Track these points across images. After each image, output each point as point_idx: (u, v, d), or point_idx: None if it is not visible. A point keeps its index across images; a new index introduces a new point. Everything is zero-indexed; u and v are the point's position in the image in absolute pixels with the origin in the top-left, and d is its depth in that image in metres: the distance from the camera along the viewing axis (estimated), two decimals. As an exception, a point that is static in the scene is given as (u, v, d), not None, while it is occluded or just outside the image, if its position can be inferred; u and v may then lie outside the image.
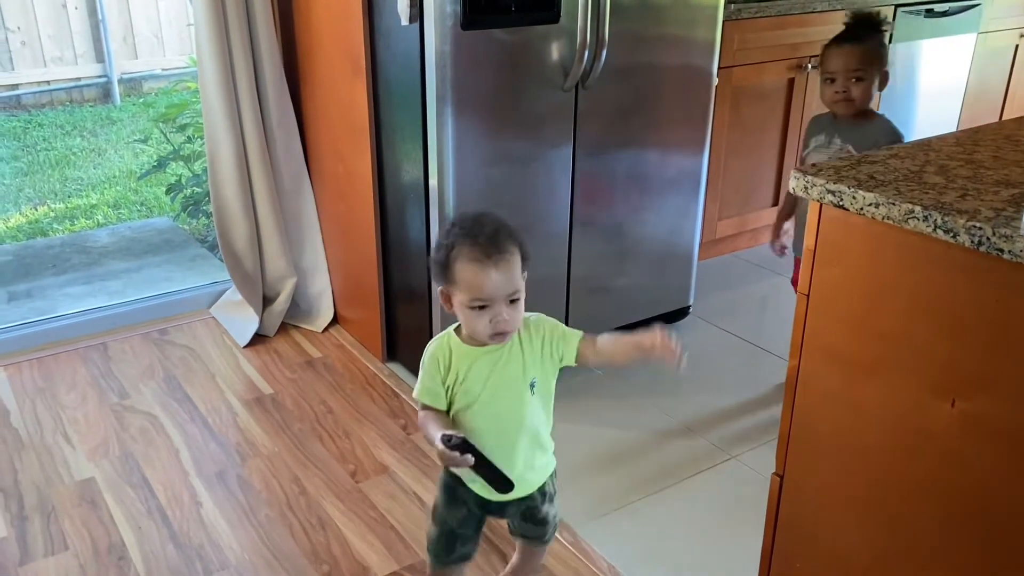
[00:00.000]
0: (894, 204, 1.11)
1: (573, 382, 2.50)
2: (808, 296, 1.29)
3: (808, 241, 1.27)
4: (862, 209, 1.15)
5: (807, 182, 1.22)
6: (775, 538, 1.45)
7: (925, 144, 1.36)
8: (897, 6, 3.29)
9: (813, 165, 1.26)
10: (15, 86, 5.77)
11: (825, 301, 1.26)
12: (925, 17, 3.40)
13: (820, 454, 1.34)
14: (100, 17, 5.85)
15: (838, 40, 2.20)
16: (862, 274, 1.20)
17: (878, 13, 2.22)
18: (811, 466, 1.36)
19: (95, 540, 1.90)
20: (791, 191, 1.26)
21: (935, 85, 3.61)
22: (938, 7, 3.42)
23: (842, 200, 1.17)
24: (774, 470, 1.44)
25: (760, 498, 1.98)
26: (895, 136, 2.15)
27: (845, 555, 1.34)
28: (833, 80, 2.18)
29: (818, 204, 1.24)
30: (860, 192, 1.15)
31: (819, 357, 1.30)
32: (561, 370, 1.58)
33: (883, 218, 1.13)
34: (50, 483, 2.08)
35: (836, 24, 3.13)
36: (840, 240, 1.22)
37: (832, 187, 1.18)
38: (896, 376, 1.20)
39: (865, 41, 2.16)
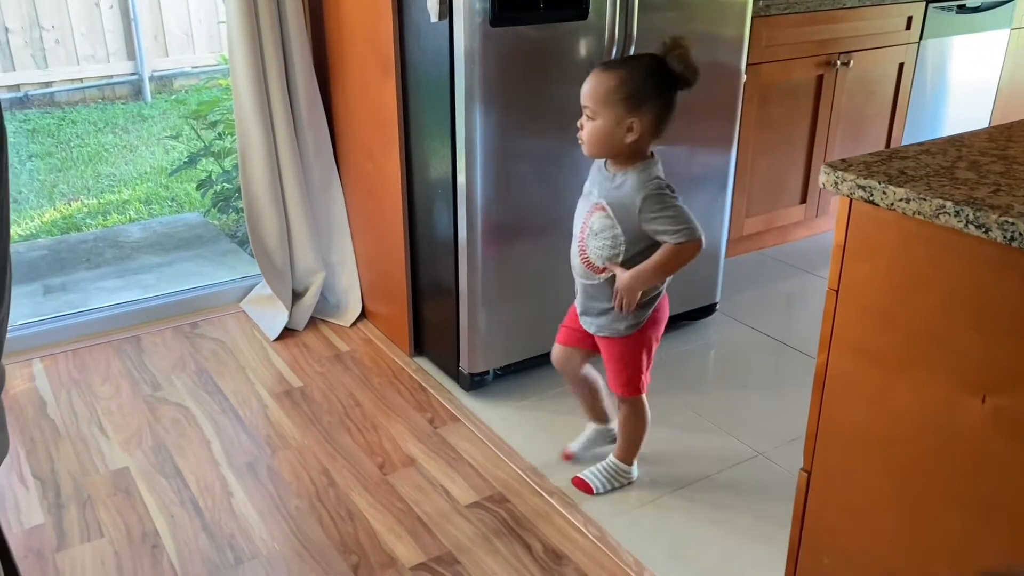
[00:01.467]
0: (925, 199, 1.11)
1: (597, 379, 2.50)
2: (837, 292, 1.29)
3: (837, 236, 1.27)
4: (893, 204, 1.15)
5: (837, 177, 1.22)
6: (802, 534, 1.45)
7: (957, 140, 1.35)
8: (928, 2, 3.27)
9: (843, 160, 1.26)
10: (49, 84, 5.86)
11: (854, 297, 1.26)
12: (957, 13, 3.37)
13: (848, 450, 1.34)
14: (132, 16, 5.93)
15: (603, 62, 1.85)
16: (892, 270, 1.20)
17: (676, 43, 1.72)
18: (839, 462, 1.36)
19: (129, 528, 1.94)
20: (821, 186, 1.26)
21: (967, 82, 3.57)
22: (970, 2, 3.38)
23: (872, 195, 1.17)
24: (801, 466, 1.44)
25: (787, 494, 1.98)
26: (646, 190, 1.72)
27: (873, 551, 1.34)
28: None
29: (848, 199, 1.24)
30: (891, 187, 1.15)
31: (847, 353, 1.30)
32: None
33: (914, 213, 1.13)
34: (85, 472, 2.12)
35: (867, 20, 3.12)
36: (870, 235, 1.22)
37: (862, 182, 1.18)
38: (926, 372, 1.19)
39: (615, 71, 1.71)
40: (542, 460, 2.15)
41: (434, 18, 2.11)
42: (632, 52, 2.24)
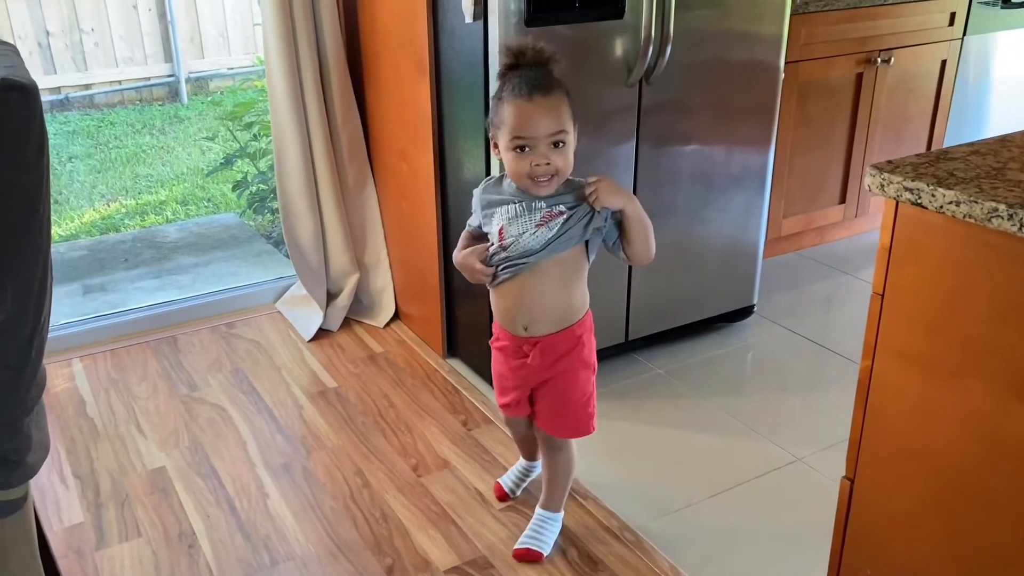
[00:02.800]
0: (976, 202, 1.08)
1: (632, 382, 2.48)
2: (882, 296, 1.26)
3: (883, 239, 1.24)
4: (942, 207, 1.12)
5: (883, 179, 1.19)
6: (844, 543, 1.42)
7: (1008, 140, 1.32)
8: (972, -3, 3.20)
9: (889, 162, 1.22)
10: (89, 86, 5.95)
11: (900, 302, 1.23)
12: (1002, 8, 3.29)
13: (893, 458, 1.30)
14: (169, 18, 6.00)
15: None
16: (941, 274, 1.17)
17: (533, 49, 1.60)
18: (883, 471, 1.33)
19: (166, 527, 1.95)
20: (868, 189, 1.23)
21: (1012, 79, 3.49)
22: (1016, -3, 3.30)
23: (920, 198, 1.14)
24: (842, 473, 1.41)
25: (827, 501, 1.94)
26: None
27: (918, 564, 1.31)
28: None
29: (894, 202, 1.21)
30: (940, 190, 1.12)
31: (893, 359, 1.27)
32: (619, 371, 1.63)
33: (964, 217, 1.10)
34: (124, 471, 2.14)
35: (908, 16, 3.06)
36: (917, 239, 1.18)
37: (910, 184, 1.15)
38: (975, 380, 1.16)
39: (555, 87, 1.60)
40: (578, 461, 2.13)
41: (469, 19, 2.10)
42: (668, 52, 2.21)
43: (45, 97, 5.67)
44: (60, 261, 3.59)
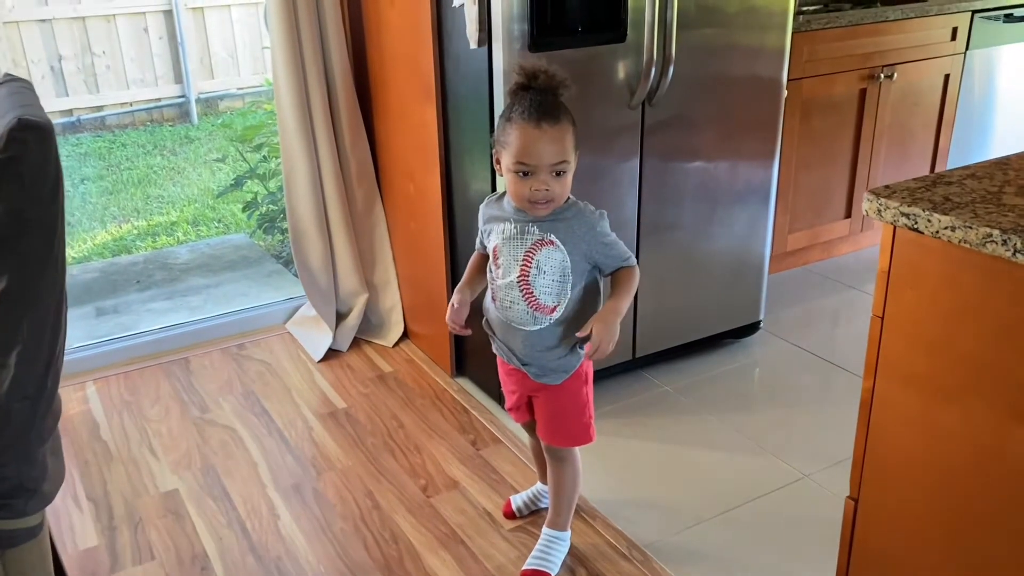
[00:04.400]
0: (971, 228, 1.09)
1: (639, 399, 2.50)
2: (882, 318, 1.28)
3: (882, 263, 1.26)
4: (938, 232, 1.14)
5: (880, 204, 1.21)
6: (850, 563, 1.43)
7: (1004, 163, 1.33)
8: (974, 12, 3.21)
9: (886, 187, 1.24)
10: (100, 108, 6.02)
11: (901, 324, 1.25)
12: (1004, 22, 3.31)
13: (896, 479, 1.32)
14: (179, 40, 6.08)
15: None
16: (940, 297, 1.18)
17: (542, 72, 1.60)
18: (887, 491, 1.34)
19: (179, 550, 1.97)
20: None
21: (1016, 92, 3.50)
22: (1018, 11, 3.32)
23: (916, 223, 1.16)
24: (848, 493, 1.42)
25: (835, 518, 1.94)
26: (594, 215, 1.69)
27: (923, 582, 1.32)
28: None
29: (891, 226, 1.22)
30: (935, 215, 1.13)
31: (895, 380, 1.28)
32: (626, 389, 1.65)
33: (960, 241, 1.11)
34: (137, 494, 2.17)
35: (910, 32, 3.08)
36: (915, 263, 1.20)
37: (906, 210, 1.17)
38: (977, 401, 1.17)
39: (561, 115, 1.61)
40: (585, 480, 2.14)
41: (473, 44, 2.13)
42: (670, 72, 2.24)
43: (57, 120, 5.74)
44: (73, 283, 3.63)
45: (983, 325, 1.14)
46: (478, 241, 1.81)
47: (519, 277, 1.66)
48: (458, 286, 1.81)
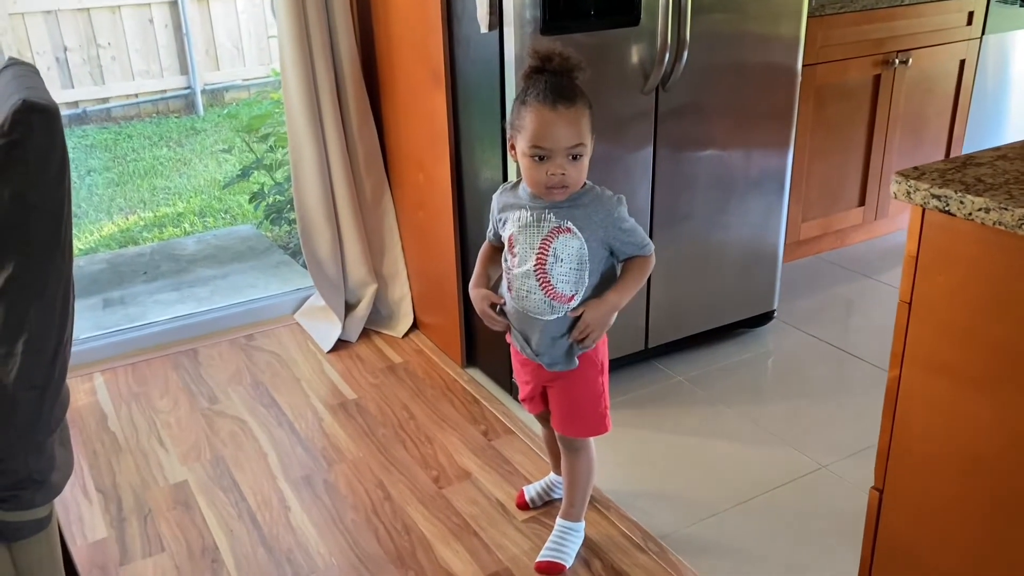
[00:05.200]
0: (1007, 209, 1.06)
1: (653, 390, 2.47)
2: (910, 304, 1.24)
3: (909, 247, 1.22)
4: (970, 214, 1.10)
5: (909, 186, 1.17)
6: (874, 556, 1.40)
7: (1035, 144, 1.29)
8: (990, -4, 3.17)
9: (915, 168, 1.21)
10: (106, 100, 6.00)
11: (929, 310, 1.21)
12: (1021, 6, 3.26)
13: (923, 469, 1.28)
14: (184, 31, 6.05)
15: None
16: (971, 282, 1.15)
17: (558, 56, 1.57)
18: (913, 481, 1.31)
19: (189, 542, 1.95)
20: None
21: (1032, 77, 3.46)
22: (1035, -5, 3.27)
23: (948, 205, 1.12)
24: (868, 481, 1.39)
25: (852, 510, 1.92)
26: (612, 201, 1.65)
27: (954, 574, 1.29)
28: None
29: (920, 209, 1.19)
30: (968, 196, 1.10)
31: (922, 368, 1.25)
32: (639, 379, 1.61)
33: (994, 224, 1.08)
34: (146, 486, 2.15)
35: (925, 16, 3.04)
36: (945, 247, 1.17)
37: (937, 191, 1.13)
38: (1009, 388, 1.14)
39: (577, 98, 1.57)
40: (600, 471, 2.12)
41: (484, 29, 2.10)
42: (684, 57, 2.20)
43: (63, 112, 5.71)
44: (80, 275, 3.61)
45: (1017, 311, 1.11)
46: (490, 231, 1.77)
47: (536, 265, 1.62)
48: (471, 284, 1.77)
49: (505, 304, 1.73)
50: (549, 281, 1.62)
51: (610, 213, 1.61)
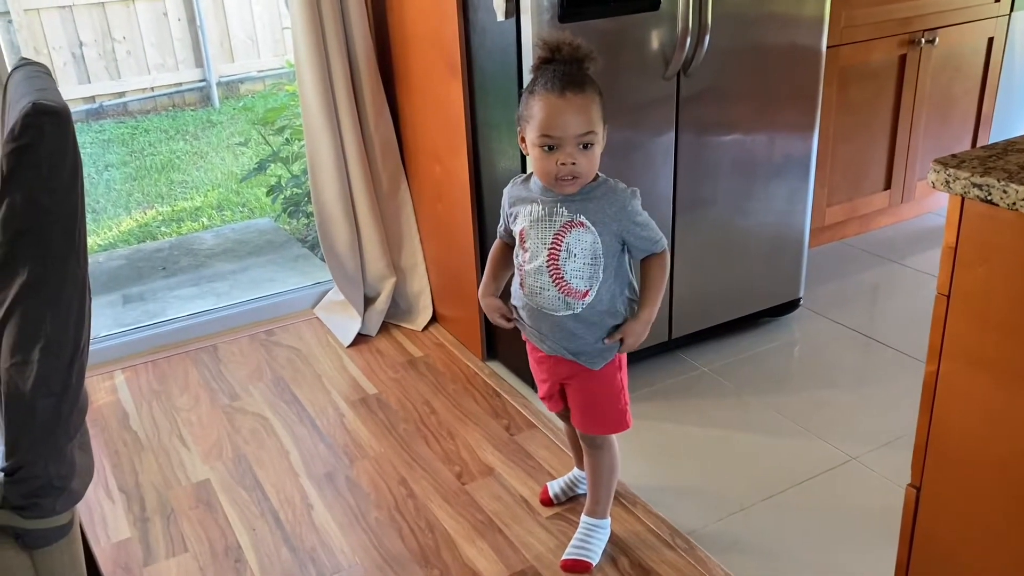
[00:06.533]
0: (1052, 198, 1.01)
1: (677, 381, 2.43)
2: (948, 297, 1.20)
3: (948, 238, 1.18)
4: (1014, 204, 1.05)
5: (948, 175, 1.12)
6: (911, 555, 1.36)
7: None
8: (1020, -29, 3.08)
9: (954, 156, 1.16)
10: (122, 94, 6.00)
11: (969, 303, 1.17)
12: (1051, -19, 3.17)
13: (964, 466, 1.24)
14: (199, 23, 6.03)
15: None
16: (1014, 274, 1.10)
17: (567, 44, 1.54)
18: (953, 479, 1.27)
19: (212, 542, 1.94)
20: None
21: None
22: (1066, -31, 3.18)
23: (991, 195, 1.08)
24: (902, 476, 1.35)
25: (884, 503, 1.88)
26: (626, 194, 1.61)
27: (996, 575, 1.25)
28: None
29: (959, 198, 1.14)
30: (1012, 185, 1.05)
31: (961, 363, 1.20)
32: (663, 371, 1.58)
33: (1039, 213, 1.03)
34: (168, 485, 2.14)
35: (953, -6, 2.95)
36: (987, 238, 1.12)
37: (978, 180, 1.09)
38: (1053, 384, 1.10)
39: (586, 85, 1.53)
40: (624, 466, 2.09)
41: (500, 17, 2.05)
42: (706, 41, 2.15)
43: (80, 107, 5.72)
44: (99, 271, 3.61)
45: (1062, 303, 1.06)
46: (500, 227, 1.73)
47: (548, 261, 1.59)
48: (481, 287, 1.75)
49: (518, 311, 1.70)
50: (563, 277, 1.59)
51: (624, 206, 1.57)
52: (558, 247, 1.58)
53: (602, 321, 1.63)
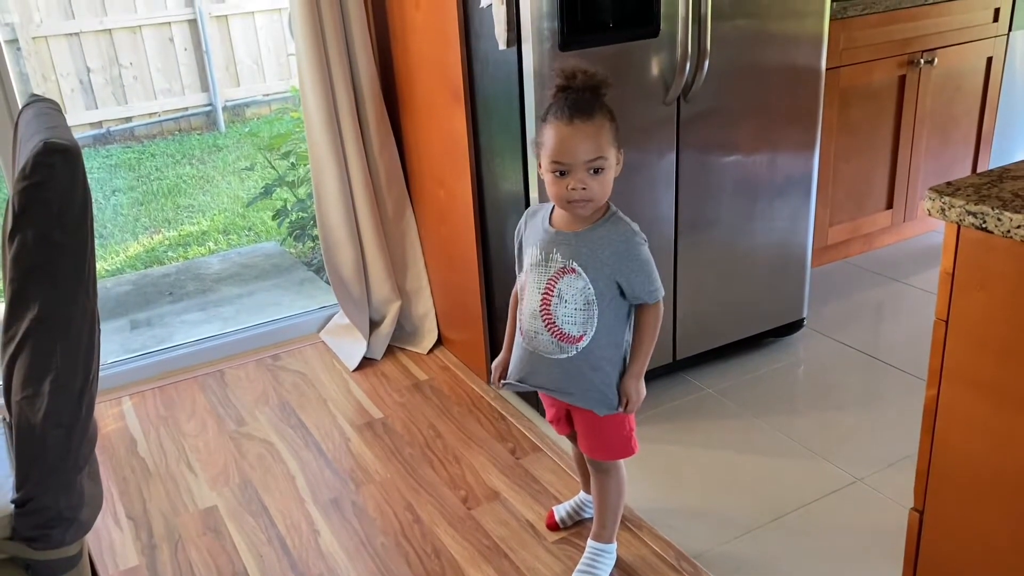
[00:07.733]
0: (1047, 226, 1.03)
1: (682, 403, 2.44)
2: (947, 322, 1.21)
3: (945, 264, 1.19)
4: (1008, 232, 1.07)
5: (944, 203, 1.14)
6: (916, 577, 1.36)
7: (1073, 153, 1.26)
8: (1018, -9, 3.11)
9: (949, 184, 1.18)
10: (129, 119, 6.06)
11: (967, 328, 1.18)
12: (1048, 0, 3.19)
13: (966, 490, 1.25)
14: (205, 48, 6.10)
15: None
16: (1011, 300, 1.11)
17: (582, 72, 1.56)
18: (955, 503, 1.27)
19: (220, 569, 1.95)
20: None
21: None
22: (1063, -11, 3.20)
23: (985, 223, 1.09)
24: (907, 497, 1.36)
25: (890, 525, 1.88)
26: (632, 242, 1.61)
27: (997, 598, 1.25)
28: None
29: (955, 226, 1.16)
30: (1006, 213, 1.07)
31: (961, 387, 1.21)
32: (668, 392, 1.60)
33: (1034, 241, 1.05)
34: (176, 512, 2.15)
35: (950, 15, 2.98)
36: (983, 264, 1.13)
37: (973, 208, 1.10)
38: (1052, 409, 1.11)
39: (597, 110, 1.55)
40: (630, 489, 2.09)
41: (502, 45, 2.08)
42: (706, 66, 2.18)
43: (88, 132, 5.78)
44: (107, 296, 3.64)
45: (1059, 328, 1.07)
46: (518, 268, 1.76)
47: (541, 306, 1.63)
48: (507, 339, 1.80)
49: (506, 379, 1.77)
50: (555, 322, 1.62)
51: (622, 251, 1.59)
52: (550, 292, 1.62)
53: (600, 365, 1.64)
